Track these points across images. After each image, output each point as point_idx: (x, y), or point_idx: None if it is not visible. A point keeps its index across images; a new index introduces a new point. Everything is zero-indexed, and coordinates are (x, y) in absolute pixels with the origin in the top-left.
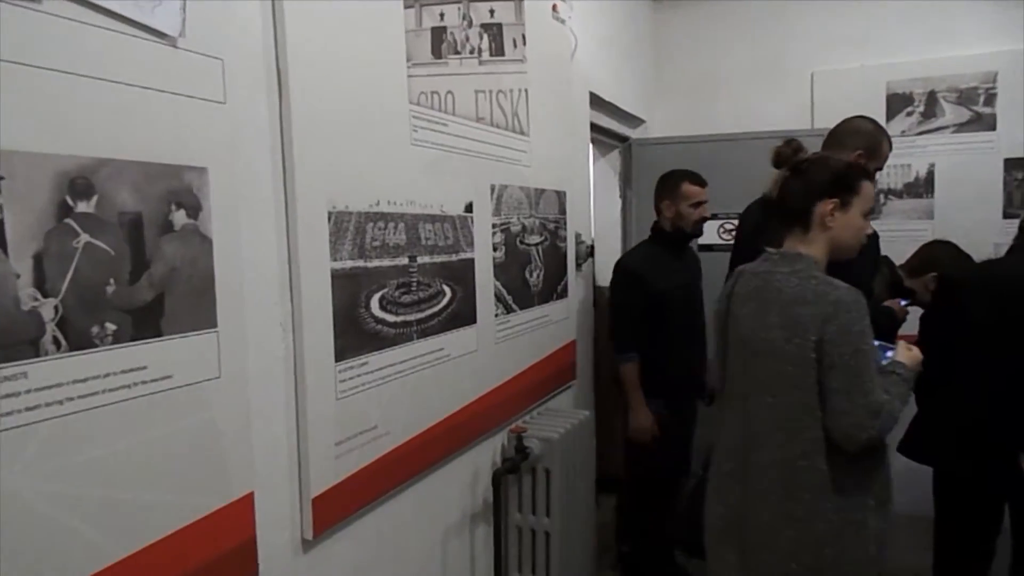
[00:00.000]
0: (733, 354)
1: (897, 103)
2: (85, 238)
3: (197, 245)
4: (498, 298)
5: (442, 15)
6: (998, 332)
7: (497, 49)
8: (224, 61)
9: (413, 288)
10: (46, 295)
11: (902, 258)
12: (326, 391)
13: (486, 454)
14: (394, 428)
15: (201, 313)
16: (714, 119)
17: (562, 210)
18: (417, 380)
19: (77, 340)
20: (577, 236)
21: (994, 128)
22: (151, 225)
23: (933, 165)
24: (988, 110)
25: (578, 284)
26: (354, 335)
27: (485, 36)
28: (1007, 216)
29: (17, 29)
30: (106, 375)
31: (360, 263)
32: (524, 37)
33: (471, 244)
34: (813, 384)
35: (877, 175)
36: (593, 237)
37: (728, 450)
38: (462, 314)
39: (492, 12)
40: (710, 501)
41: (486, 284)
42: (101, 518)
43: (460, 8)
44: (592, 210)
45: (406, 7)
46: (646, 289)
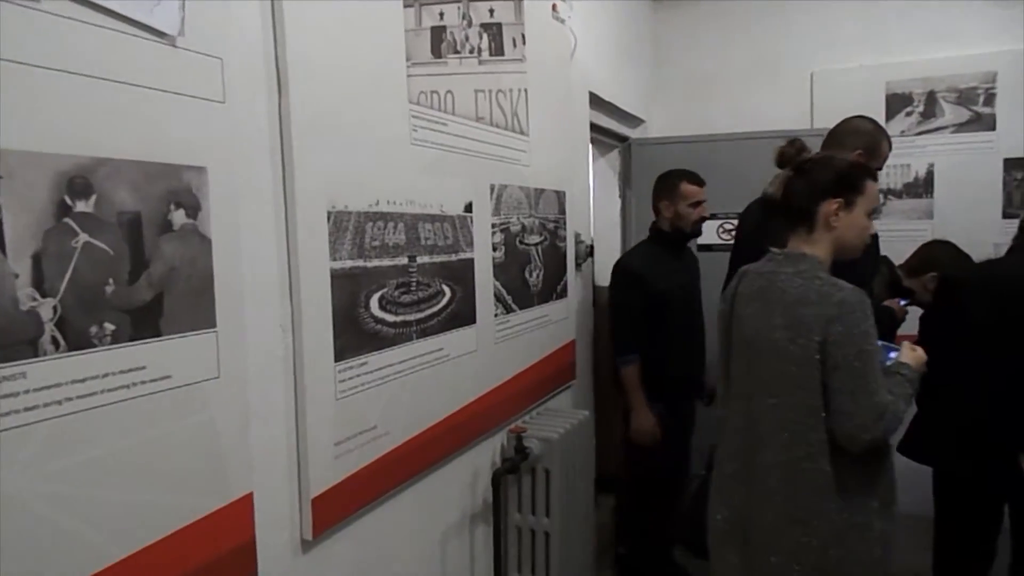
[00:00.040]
0: (737, 354)
1: (896, 103)
2: (84, 238)
3: (196, 245)
4: (498, 298)
5: (442, 14)
6: (998, 332)
7: (497, 49)
8: (223, 60)
9: (413, 288)
10: (45, 295)
11: (901, 258)
12: (325, 391)
13: (486, 454)
14: (394, 428)
15: (200, 313)
16: (713, 119)
17: (562, 210)
18: (417, 380)
19: (76, 340)
20: (576, 236)
21: (993, 128)
22: (150, 225)
23: (932, 165)
24: (987, 110)
25: (577, 284)
26: (354, 335)
27: (485, 36)
28: (1006, 216)
29: (16, 28)
30: (105, 375)
31: (360, 263)
32: (524, 37)
33: (471, 244)
34: (817, 385)
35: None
36: (592, 237)
37: (731, 451)
38: (462, 314)
39: (492, 12)
40: (713, 502)
41: (486, 284)
42: (100, 519)
43: (460, 8)
44: (591, 210)
45: (406, 6)
46: (646, 289)
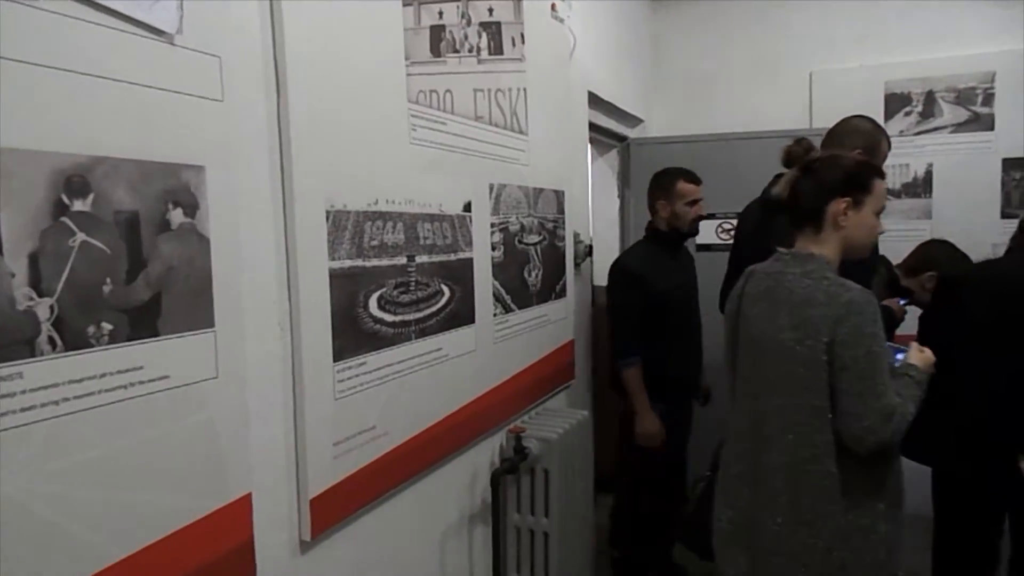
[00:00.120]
0: (743, 355)
1: (895, 103)
2: (81, 237)
3: (194, 244)
4: (496, 298)
5: (441, 13)
6: (998, 331)
7: (496, 48)
8: (222, 59)
9: (411, 288)
10: (42, 295)
11: (900, 258)
12: (324, 391)
13: (485, 454)
14: (392, 428)
15: (198, 313)
16: (712, 119)
17: (560, 209)
18: (416, 380)
19: (73, 340)
20: (575, 236)
21: (992, 128)
22: (148, 224)
23: (931, 165)
24: (986, 110)
25: (576, 284)
26: (352, 335)
27: (484, 35)
28: (1005, 216)
29: (13, 26)
30: (102, 375)
31: (358, 262)
32: (523, 36)
33: (469, 243)
34: (824, 386)
35: None
36: (591, 237)
37: (737, 452)
38: (460, 314)
39: (491, 11)
40: (718, 503)
41: (484, 284)
42: (98, 519)
43: (459, 6)
44: (590, 210)
45: (404, 5)
46: (646, 290)
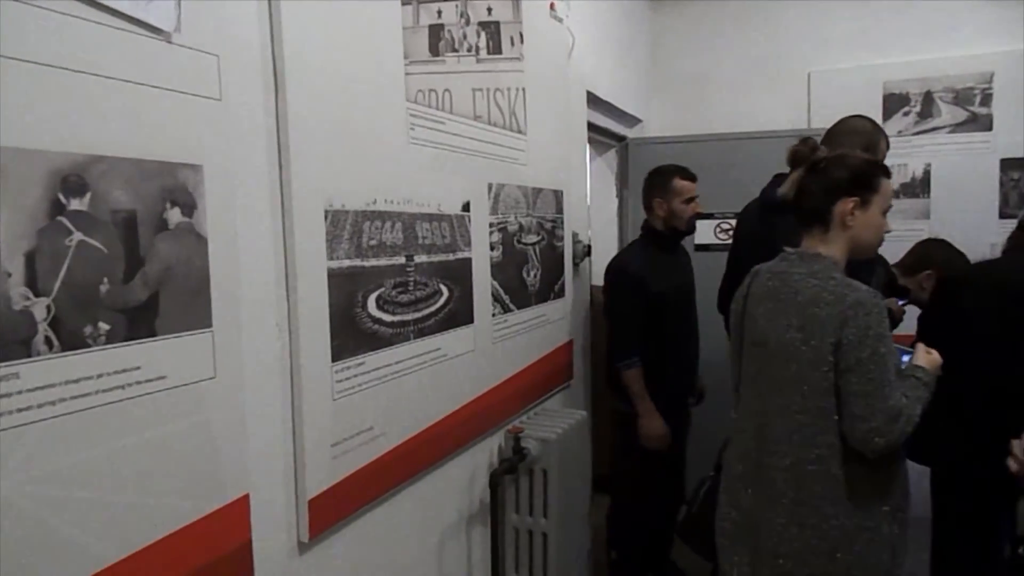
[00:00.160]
0: (747, 355)
1: (894, 103)
2: (78, 236)
3: (192, 244)
4: (495, 298)
5: (440, 12)
6: (999, 332)
7: (495, 47)
8: (220, 57)
9: (410, 288)
10: (38, 294)
11: (897, 259)
12: (322, 391)
13: (483, 455)
14: (391, 429)
15: (196, 313)
16: (711, 119)
17: (559, 209)
18: (414, 380)
19: (70, 340)
20: (574, 235)
21: (990, 128)
22: (145, 223)
23: (929, 165)
24: (984, 110)
25: (575, 284)
26: (351, 335)
27: (483, 34)
28: (1003, 216)
29: (9, 24)
30: (99, 376)
31: (357, 262)
32: (521, 35)
33: (468, 243)
34: (830, 387)
35: None
36: (590, 237)
37: (741, 452)
38: (459, 314)
39: (490, 10)
40: (722, 503)
41: (483, 284)
42: (94, 521)
43: (457, 6)
44: (589, 210)
45: (403, 4)
46: (645, 291)
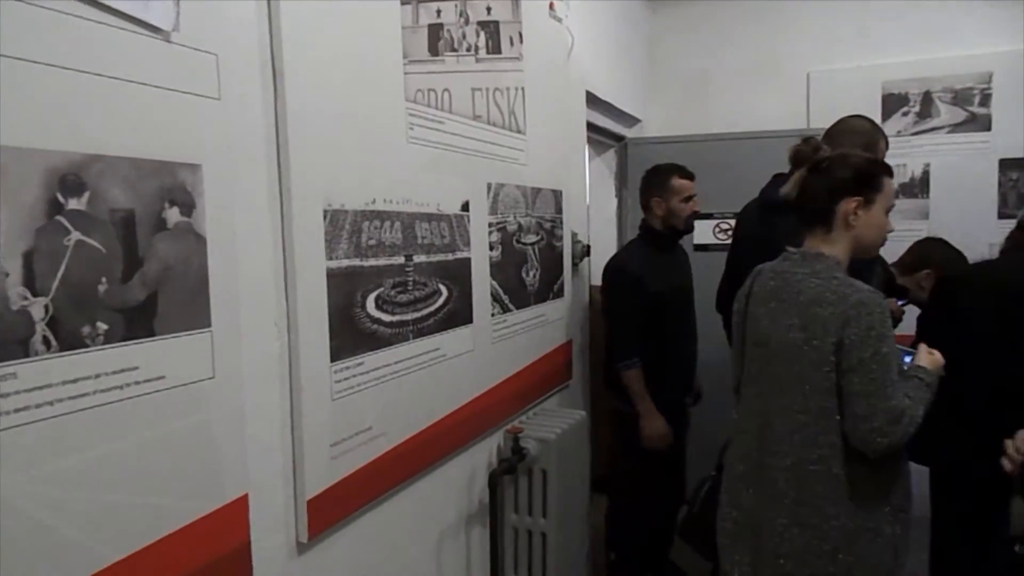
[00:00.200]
0: (749, 355)
1: (893, 103)
2: (76, 236)
3: (191, 243)
4: (494, 298)
5: (439, 12)
6: (997, 332)
7: (494, 47)
8: (219, 56)
9: (409, 287)
10: (36, 294)
11: (895, 259)
12: (321, 391)
13: (482, 455)
14: (390, 429)
15: (195, 312)
16: (710, 119)
17: (558, 209)
18: (413, 380)
19: (68, 340)
20: (573, 235)
21: (989, 128)
22: (144, 223)
23: (928, 165)
24: (983, 110)
25: (574, 284)
26: (350, 335)
27: (482, 33)
28: (1002, 216)
29: (6, 22)
30: (97, 376)
31: (356, 262)
32: (521, 35)
33: (467, 243)
34: (832, 387)
35: None
36: (589, 236)
37: (742, 452)
38: (458, 314)
39: (489, 9)
40: (723, 503)
41: (482, 283)
42: (93, 522)
43: (457, 5)
44: (588, 209)
45: (403, 3)
46: (645, 291)
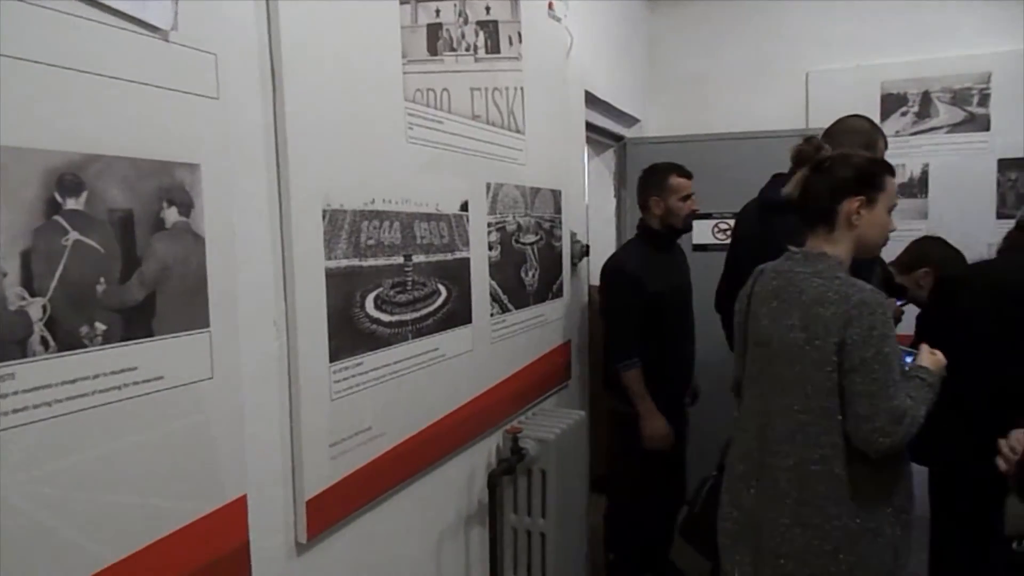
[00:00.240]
0: (751, 354)
1: (891, 103)
2: (74, 236)
3: (189, 243)
4: (493, 298)
5: (438, 12)
6: (996, 332)
7: (493, 46)
8: (217, 56)
9: (408, 287)
10: (34, 294)
11: (893, 258)
12: (320, 392)
13: (482, 455)
14: (389, 429)
15: (193, 312)
16: (709, 119)
17: (557, 209)
18: (412, 380)
19: (66, 340)
20: (572, 235)
21: (988, 128)
22: (142, 223)
23: (927, 165)
24: (982, 110)
25: (573, 284)
26: (349, 335)
27: (481, 33)
28: (1000, 216)
29: (5, 22)
30: (96, 376)
31: (355, 262)
32: (520, 35)
33: (466, 243)
34: (834, 387)
35: None
36: (588, 236)
37: (742, 452)
38: (457, 314)
39: (488, 9)
40: (724, 503)
41: (481, 283)
42: (91, 522)
43: (456, 5)
44: (587, 209)
45: (402, 3)
46: (643, 291)
